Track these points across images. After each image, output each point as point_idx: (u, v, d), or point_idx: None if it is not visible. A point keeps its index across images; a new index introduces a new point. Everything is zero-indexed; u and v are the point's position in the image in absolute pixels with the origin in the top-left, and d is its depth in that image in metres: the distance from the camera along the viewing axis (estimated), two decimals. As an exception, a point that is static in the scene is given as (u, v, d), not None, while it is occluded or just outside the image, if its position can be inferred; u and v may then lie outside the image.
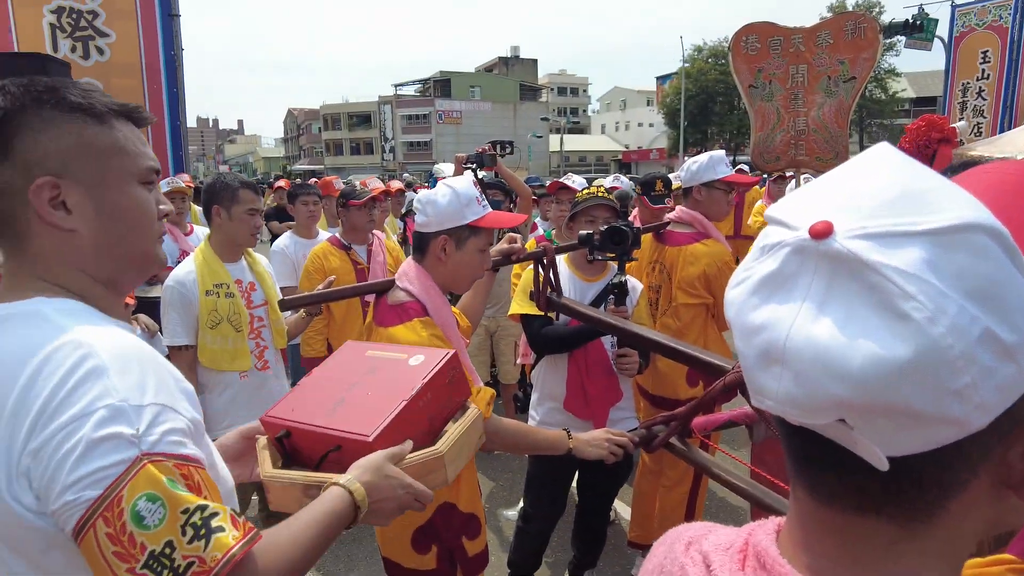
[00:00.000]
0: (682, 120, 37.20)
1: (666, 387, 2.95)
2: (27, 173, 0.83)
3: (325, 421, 1.13)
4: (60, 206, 0.85)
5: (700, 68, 40.70)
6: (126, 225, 0.91)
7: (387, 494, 1.02)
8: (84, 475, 0.73)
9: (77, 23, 5.65)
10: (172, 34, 5.98)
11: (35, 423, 0.75)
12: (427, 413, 1.18)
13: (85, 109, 0.87)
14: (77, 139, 0.86)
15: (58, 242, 0.86)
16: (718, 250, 2.91)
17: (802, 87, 3.73)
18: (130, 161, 0.91)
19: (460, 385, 1.25)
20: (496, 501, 3.89)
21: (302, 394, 1.24)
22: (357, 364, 1.26)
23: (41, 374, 0.77)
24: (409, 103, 59.86)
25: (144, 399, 0.78)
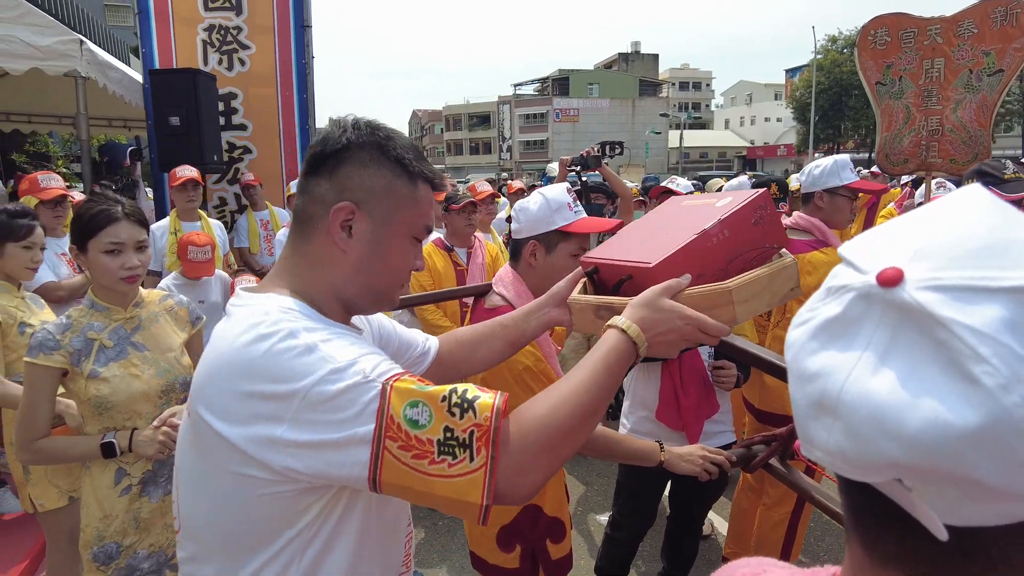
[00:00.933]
0: (812, 115, 35.04)
1: (774, 401, 2.82)
2: (339, 193, 1.00)
3: (622, 255, 1.19)
4: (346, 228, 1.00)
5: (834, 60, 38.10)
6: (385, 265, 1.04)
7: (664, 327, 1.02)
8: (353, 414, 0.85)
9: (224, 39, 6.19)
10: (304, 44, 6.41)
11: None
12: (725, 252, 1.11)
13: (404, 164, 1.03)
14: (385, 184, 1.01)
15: (328, 256, 1.01)
16: (838, 260, 2.74)
17: (937, 83, 3.42)
18: (415, 217, 1.05)
19: (771, 229, 1.15)
20: (589, 505, 3.89)
21: (618, 238, 1.33)
22: (671, 212, 1.29)
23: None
24: (527, 102, 60.45)
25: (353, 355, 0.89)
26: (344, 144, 1.01)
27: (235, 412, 0.88)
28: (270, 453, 0.85)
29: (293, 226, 1.06)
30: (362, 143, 1.01)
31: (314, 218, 1.02)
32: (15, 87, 7.44)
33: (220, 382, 0.90)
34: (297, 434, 0.84)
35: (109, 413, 1.88)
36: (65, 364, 1.82)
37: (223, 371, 0.90)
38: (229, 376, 0.89)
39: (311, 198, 1.02)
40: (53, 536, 2.44)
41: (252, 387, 0.87)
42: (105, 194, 1.92)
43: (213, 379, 0.92)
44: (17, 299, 2.50)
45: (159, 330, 2.01)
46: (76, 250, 1.88)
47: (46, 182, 3.41)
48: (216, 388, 0.91)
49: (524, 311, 1.39)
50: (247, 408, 0.87)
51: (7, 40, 4.55)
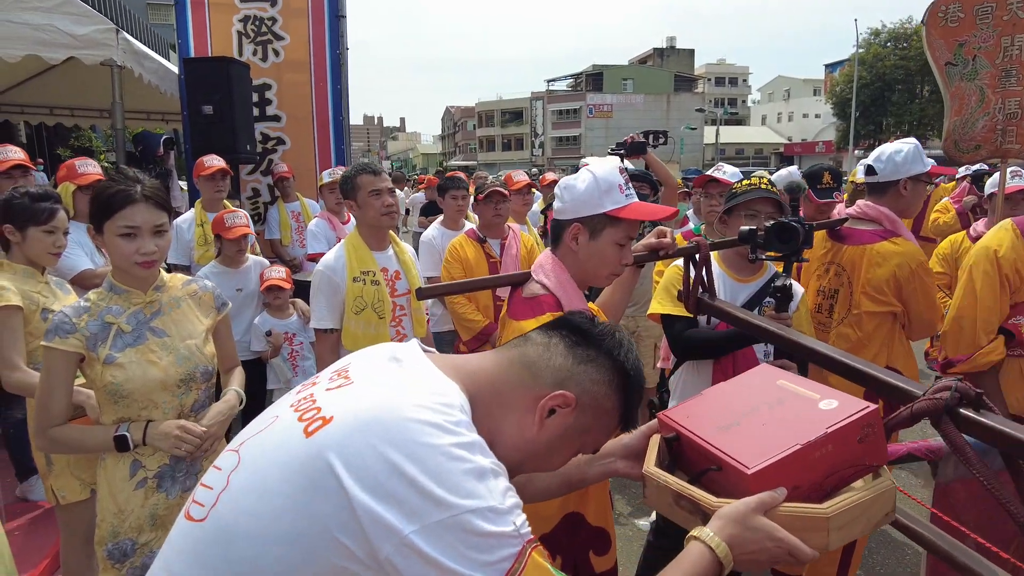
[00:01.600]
0: (853, 110, 34.09)
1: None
2: (572, 383, 1.02)
3: (712, 438, 1.12)
4: (550, 414, 1.01)
5: (876, 54, 37.03)
6: (546, 458, 1.07)
7: (754, 547, 0.97)
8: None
9: (259, 29, 6.16)
10: (338, 34, 6.34)
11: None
12: (825, 467, 1.06)
13: (627, 408, 1.08)
14: (607, 409, 1.07)
15: (523, 413, 1.01)
16: (910, 250, 2.53)
17: (1018, 62, 3.14)
18: (593, 443, 1.10)
19: (875, 446, 1.10)
20: (630, 509, 3.72)
21: (702, 403, 1.25)
22: (764, 390, 1.22)
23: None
24: (560, 98, 60.10)
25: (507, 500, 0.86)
26: (601, 352, 1.04)
27: (374, 479, 0.81)
28: (384, 540, 0.80)
29: (516, 355, 1.04)
30: (621, 369, 1.04)
31: (537, 376, 1.01)
32: (57, 81, 7.54)
33: (374, 440, 0.83)
34: (424, 543, 0.79)
35: (125, 402, 1.79)
36: (81, 348, 1.74)
37: (385, 431, 0.84)
38: (388, 441, 0.83)
39: (550, 359, 1.02)
40: (69, 531, 2.37)
41: (408, 469, 0.81)
42: (125, 172, 1.81)
43: (370, 431, 0.84)
44: (41, 284, 2.43)
45: (181, 315, 1.91)
46: (93, 231, 1.79)
47: (83, 168, 3.38)
48: (366, 444, 0.83)
49: (588, 458, 1.32)
50: (390, 484, 0.81)
51: (45, 29, 4.55)
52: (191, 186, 6.05)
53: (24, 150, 3.61)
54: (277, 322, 3.88)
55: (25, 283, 2.37)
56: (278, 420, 0.94)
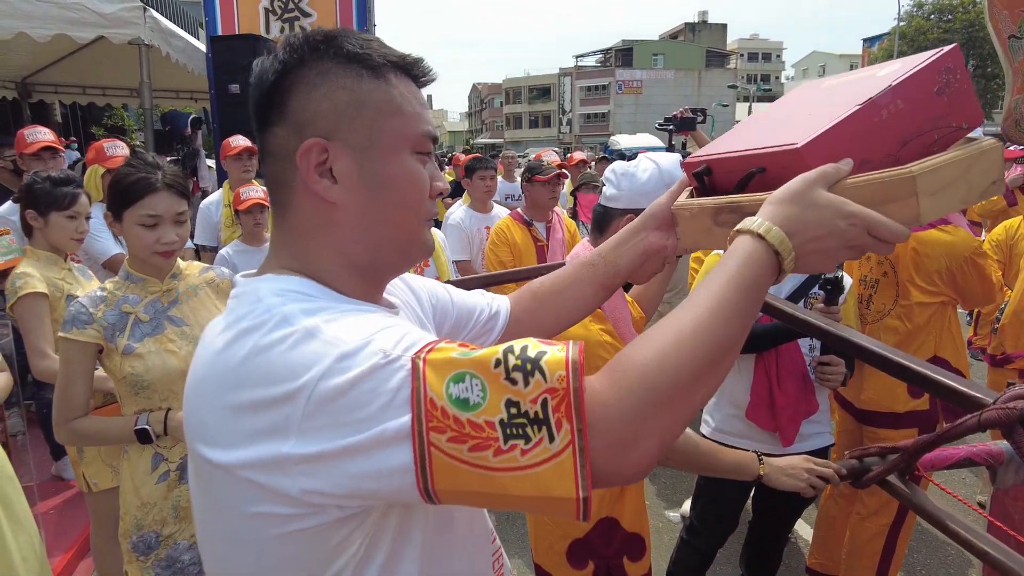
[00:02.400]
0: (894, 86, 32.95)
1: (880, 398, 2.49)
2: (299, 134, 0.75)
3: (747, 145, 0.90)
4: (327, 173, 0.75)
5: (919, 27, 35.68)
6: (393, 200, 0.78)
7: (820, 230, 0.73)
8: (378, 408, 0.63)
9: (286, 6, 6.09)
10: (366, 10, 6.24)
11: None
12: (898, 132, 0.81)
13: (361, 60, 0.76)
14: (350, 96, 0.75)
15: (318, 216, 0.77)
16: (963, 238, 2.38)
17: (1090, 36, 2.94)
18: (405, 124, 0.78)
19: (961, 101, 0.84)
20: (658, 500, 3.65)
21: (732, 133, 1.03)
22: (810, 95, 0.98)
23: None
24: (589, 74, 59.27)
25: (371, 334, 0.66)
26: (279, 69, 0.76)
27: (229, 434, 0.66)
28: (282, 477, 0.63)
29: (271, 198, 0.82)
30: (301, 59, 0.76)
31: (284, 178, 0.78)
32: (89, 60, 7.58)
33: (205, 399, 0.70)
34: (310, 446, 0.62)
35: (145, 392, 1.76)
36: (99, 339, 1.71)
37: (207, 384, 0.70)
38: (214, 389, 0.68)
39: (272, 155, 0.78)
40: (99, 519, 2.38)
41: (241, 397, 0.65)
42: (144, 158, 1.76)
43: (196, 396, 0.71)
44: (64, 271, 2.41)
45: (199, 304, 1.88)
46: (111, 217, 1.75)
47: (112, 150, 3.36)
48: (202, 408, 0.70)
49: (615, 240, 1.10)
50: (241, 425, 0.65)
51: (74, 8, 4.54)
52: (219, 166, 6.06)
53: (60, 129, 3.63)
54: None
55: (49, 269, 2.36)
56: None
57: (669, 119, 3.97)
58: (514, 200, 6.59)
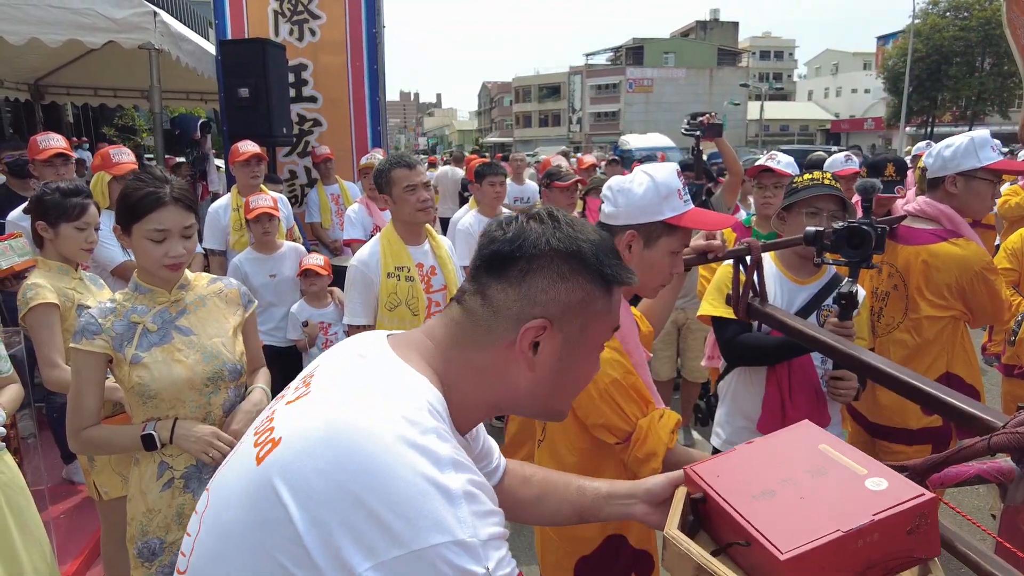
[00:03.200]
0: (906, 85, 32.66)
1: (893, 414, 2.46)
2: (530, 307, 0.85)
3: (743, 507, 1.00)
4: (533, 346, 0.86)
5: (934, 24, 35.30)
6: (570, 383, 0.93)
7: None
8: None
9: (295, 8, 6.09)
10: (375, 13, 6.24)
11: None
12: (867, 556, 0.94)
13: (603, 274, 0.89)
14: (583, 298, 0.87)
15: (507, 369, 0.88)
16: (973, 252, 2.34)
17: (1108, 41, 2.89)
18: (608, 327, 0.93)
19: (926, 538, 0.97)
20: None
21: (734, 460, 1.13)
22: (804, 455, 1.09)
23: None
24: (599, 72, 59.09)
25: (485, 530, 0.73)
26: (543, 250, 0.86)
27: (327, 510, 0.69)
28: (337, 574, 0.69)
29: (460, 320, 0.89)
30: (562, 252, 0.86)
31: (493, 329, 0.87)
32: (100, 63, 7.63)
33: (322, 464, 0.72)
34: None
35: (153, 402, 1.78)
36: (108, 349, 1.72)
37: (336, 452, 0.72)
38: (341, 465, 0.71)
39: (492, 305, 0.87)
40: (110, 525, 2.39)
41: (365, 497, 0.69)
42: (152, 172, 1.77)
43: (319, 453, 0.73)
44: (75, 280, 2.42)
45: (207, 314, 1.89)
46: (120, 231, 1.76)
47: (118, 157, 3.35)
48: (315, 468, 0.72)
49: (609, 491, 1.21)
50: (346, 515, 0.69)
51: (85, 14, 4.56)
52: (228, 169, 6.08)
53: (72, 130, 3.64)
54: (313, 311, 3.86)
55: (60, 280, 2.37)
56: (241, 447, 0.85)
57: (695, 124, 3.91)
58: (523, 202, 6.57)
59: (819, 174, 2.19)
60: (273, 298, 3.73)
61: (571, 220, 0.89)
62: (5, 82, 8.04)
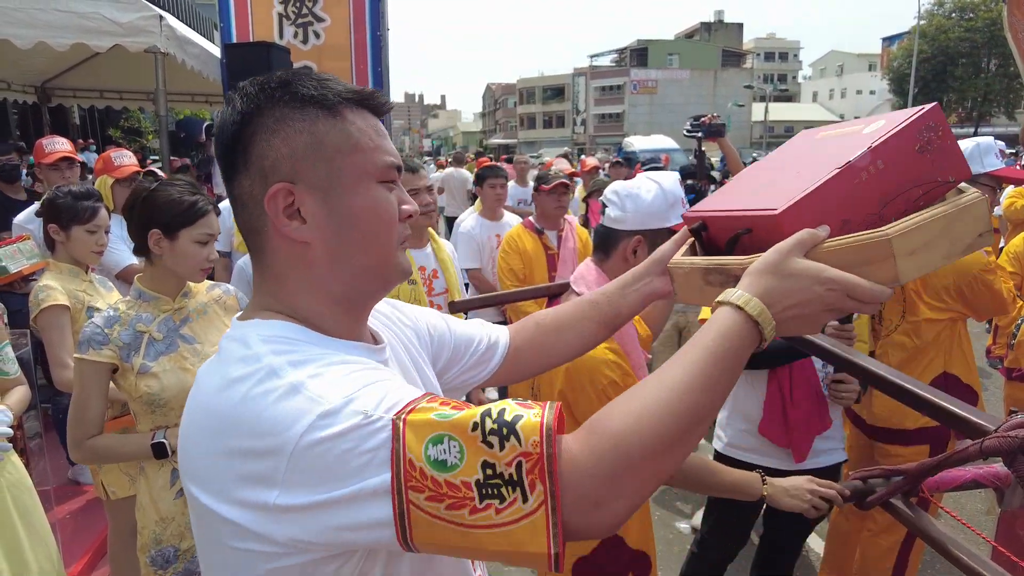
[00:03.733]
0: (911, 86, 32.60)
1: (890, 415, 2.47)
2: (264, 181, 0.78)
3: (740, 204, 0.93)
4: (295, 215, 0.78)
5: (939, 25, 35.22)
6: (361, 232, 0.80)
7: (798, 298, 0.76)
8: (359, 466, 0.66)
9: (300, 11, 6.12)
10: (379, 15, 6.26)
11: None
12: (879, 191, 0.82)
13: (317, 101, 0.79)
14: (308, 138, 0.78)
15: (292, 257, 0.80)
16: (972, 254, 2.34)
17: (1109, 46, 2.89)
18: (365, 159, 0.81)
19: (944, 157, 0.84)
20: (668, 509, 3.63)
21: (730, 186, 1.08)
22: (803, 147, 1.02)
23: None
24: (603, 74, 59.09)
25: (349, 392, 0.69)
26: (239, 120, 0.78)
27: (219, 478, 0.70)
28: (269, 524, 0.67)
29: (248, 248, 0.84)
30: (259, 107, 0.78)
31: (255, 225, 0.80)
32: (107, 65, 7.68)
33: (197, 442, 0.73)
34: (293, 498, 0.65)
35: (162, 410, 1.79)
36: (115, 359, 1.73)
37: (199, 427, 0.74)
38: (206, 433, 0.72)
39: (241, 204, 0.81)
40: (118, 525, 2.41)
41: (231, 443, 0.69)
42: (182, 179, 1.87)
43: (189, 438, 0.75)
44: (85, 283, 2.45)
45: (208, 322, 1.91)
46: (160, 235, 1.77)
47: (119, 160, 3.38)
48: (195, 450, 0.74)
49: (619, 283, 1.16)
50: (231, 471, 0.69)
51: (91, 17, 4.60)
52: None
53: (78, 132, 3.68)
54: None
55: (71, 282, 2.40)
56: None
57: (697, 125, 3.93)
58: (526, 204, 6.59)
59: None
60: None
61: (258, 79, 0.80)
62: (12, 85, 8.10)
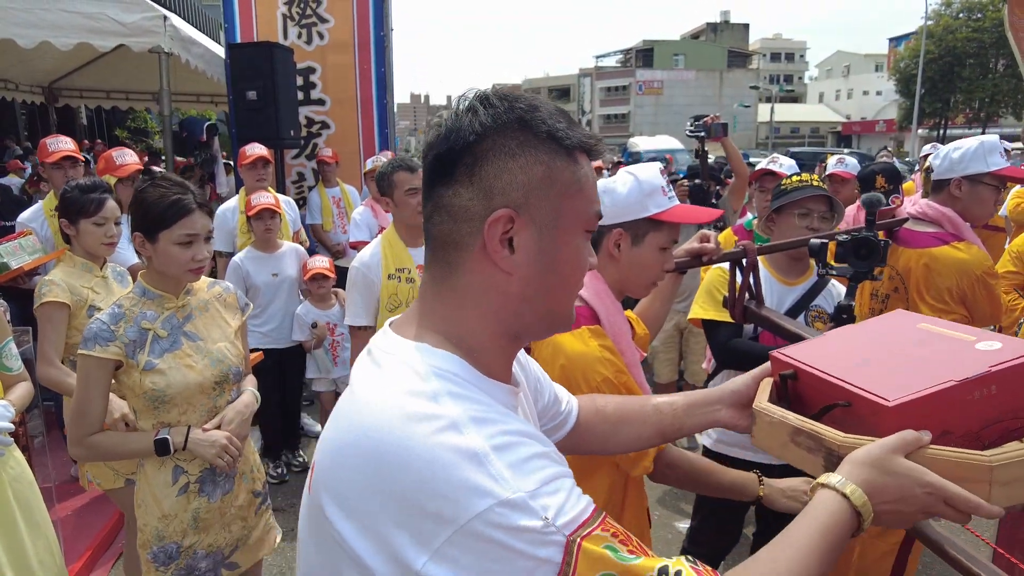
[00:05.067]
0: (918, 87, 32.44)
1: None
2: (488, 200, 0.75)
3: (841, 373, 0.94)
4: (507, 243, 0.76)
5: (947, 25, 35.05)
6: (559, 277, 0.80)
7: (897, 495, 0.79)
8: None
9: (304, 11, 6.14)
10: (383, 15, 6.27)
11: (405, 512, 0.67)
12: (983, 413, 0.85)
13: (558, 138, 0.77)
14: (545, 172, 0.76)
15: (488, 282, 0.78)
16: (975, 256, 2.33)
17: (1110, 46, 2.88)
18: (585, 204, 0.80)
19: None
20: (668, 508, 3.63)
21: (824, 343, 1.09)
22: (902, 332, 1.03)
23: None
24: (609, 75, 59.06)
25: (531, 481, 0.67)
26: (480, 132, 0.75)
27: (371, 515, 0.67)
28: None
29: (429, 257, 0.82)
30: (503, 125, 0.75)
31: (460, 240, 0.77)
32: (112, 66, 7.74)
33: (357, 468, 0.69)
34: (442, 571, 0.63)
35: (165, 407, 1.80)
36: (121, 356, 1.74)
37: (362, 452, 0.69)
38: (370, 464, 0.68)
39: (449, 214, 0.77)
40: (126, 509, 2.43)
41: (396, 488, 0.66)
42: (171, 179, 1.83)
43: (348, 459, 0.71)
44: (96, 278, 2.45)
45: (210, 319, 1.92)
46: (142, 238, 1.79)
47: (121, 159, 3.40)
48: (349, 475, 0.70)
49: (687, 402, 1.18)
50: (387, 514, 0.66)
51: (96, 17, 4.64)
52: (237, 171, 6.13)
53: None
54: (319, 313, 3.90)
55: (80, 277, 2.41)
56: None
57: (699, 125, 3.93)
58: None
59: (807, 176, 2.22)
60: (275, 297, 3.76)
61: (505, 94, 0.78)
62: (20, 85, 8.17)
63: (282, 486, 3.90)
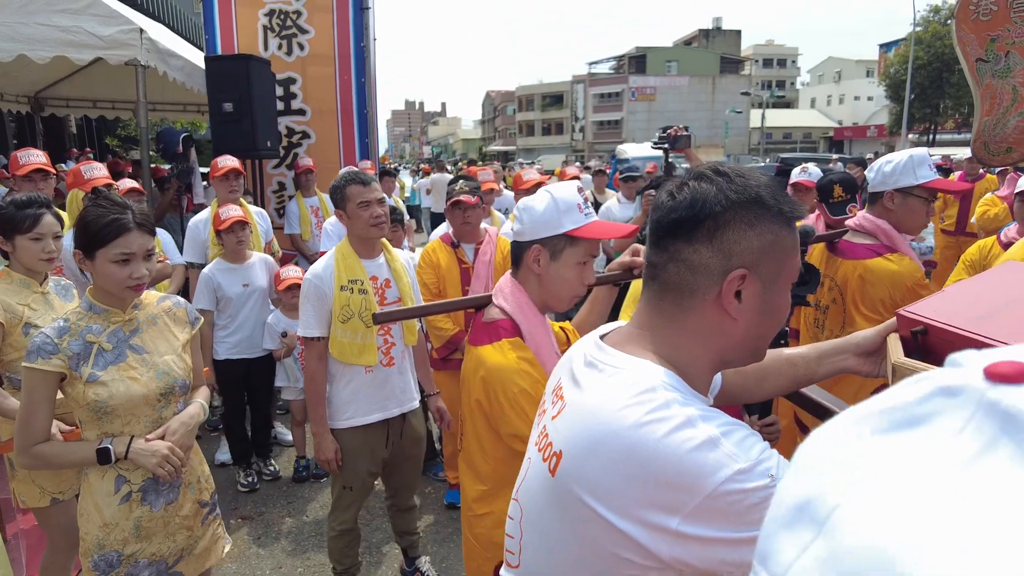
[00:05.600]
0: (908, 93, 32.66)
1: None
2: (726, 260, 0.92)
3: (971, 325, 1.01)
4: (736, 296, 0.92)
5: (936, 32, 35.33)
6: (772, 322, 0.98)
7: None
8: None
9: (284, 23, 6.20)
10: (363, 27, 6.34)
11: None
12: None
13: (783, 212, 0.94)
14: (773, 239, 0.93)
15: (717, 325, 0.95)
16: (907, 267, 2.40)
17: (1048, 61, 2.95)
18: (794, 264, 0.98)
19: None
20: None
21: (946, 297, 1.16)
22: (1019, 284, 1.10)
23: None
24: (602, 81, 59.26)
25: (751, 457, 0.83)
26: (726, 204, 0.92)
27: (624, 498, 0.85)
28: (660, 543, 0.83)
29: (656, 295, 0.98)
30: (743, 201, 0.92)
31: (696, 289, 0.94)
32: (98, 76, 7.78)
33: (604, 462, 0.87)
34: (694, 528, 0.81)
35: (108, 418, 1.84)
36: (64, 368, 1.78)
37: (610, 449, 0.87)
38: (619, 457, 0.86)
39: (688, 267, 0.94)
40: (47, 530, 2.46)
41: (645, 473, 0.84)
42: (112, 198, 1.85)
43: (596, 456, 0.88)
44: (34, 295, 2.42)
45: (157, 332, 1.96)
46: (81, 255, 1.82)
47: (89, 173, 3.44)
48: (599, 468, 0.87)
49: (818, 352, 1.31)
50: (640, 494, 0.84)
51: (72, 31, 4.68)
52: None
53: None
54: (290, 322, 3.94)
55: (18, 294, 2.37)
56: (531, 462, 1.04)
57: (663, 137, 4.02)
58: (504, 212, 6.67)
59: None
60: (246, 308, 3.80)
61: (737, 170, 0.95)
62: (5, 95, 8.20)
63: (252, 494, 3.93)
